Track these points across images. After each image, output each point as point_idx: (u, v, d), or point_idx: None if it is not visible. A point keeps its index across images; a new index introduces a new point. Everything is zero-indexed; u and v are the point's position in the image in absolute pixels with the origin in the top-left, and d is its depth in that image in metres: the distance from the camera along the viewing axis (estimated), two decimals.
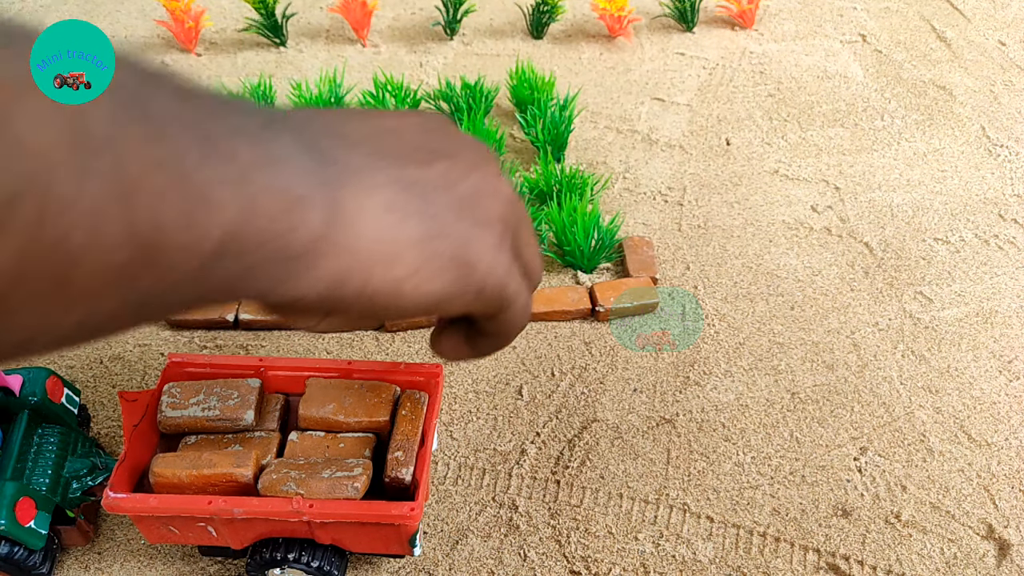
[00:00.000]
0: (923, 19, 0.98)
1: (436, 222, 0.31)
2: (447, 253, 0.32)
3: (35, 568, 0.47)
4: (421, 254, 0.31)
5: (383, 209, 0.30)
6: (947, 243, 0.71)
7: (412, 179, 0.32)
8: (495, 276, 0.33)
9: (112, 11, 0.96)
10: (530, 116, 0.77)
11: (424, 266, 0.31)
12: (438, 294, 0.32)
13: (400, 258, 0.30)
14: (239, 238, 0.25)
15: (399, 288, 0.31)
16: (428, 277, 0.31)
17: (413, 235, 0.30)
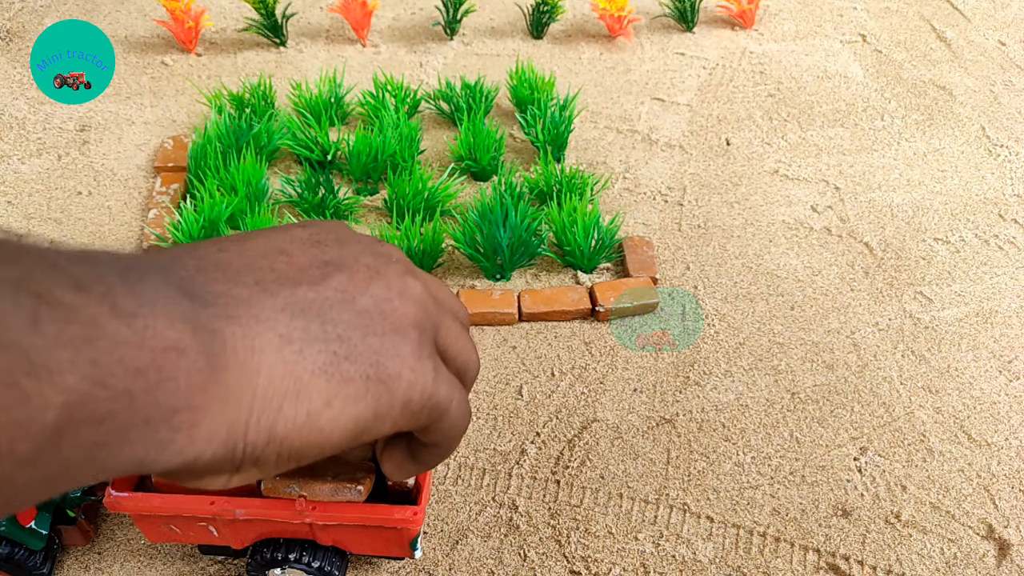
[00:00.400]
0: (923, 19, 0.98)
1: (342, 343, 0.29)
2: (360, 374, 0.29)
3: (35, 568, 0.47)
4: (331, 382, 0.28)
5: (279, 341, 0.27)
6: (947, 243, 0.71)
7: (306, 301, 0.29)
8: (419, 387, 0.30)
9: (112, 11, 0.96)
10: (530, 116, 0.77)
11: (338, 394, 0.28)
12: (361, 420, 0.29)
13: (308, 391, 0.27)
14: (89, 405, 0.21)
15: (315, 423, 0.28)
16: (344, 405, 0.28)
17: (318, 363, 0.28)
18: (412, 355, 0.30)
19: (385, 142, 0.72)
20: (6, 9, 0.95)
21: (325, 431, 0.28)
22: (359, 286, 0.30)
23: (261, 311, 0.27)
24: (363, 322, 0.30)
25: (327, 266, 0.30)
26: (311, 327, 0.28)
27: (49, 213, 0.72)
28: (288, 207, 0.72)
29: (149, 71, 0.87)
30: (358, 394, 0.29)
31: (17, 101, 0.83)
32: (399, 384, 0.30)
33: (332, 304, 0.29)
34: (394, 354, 0.30)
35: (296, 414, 0.27)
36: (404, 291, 0.31)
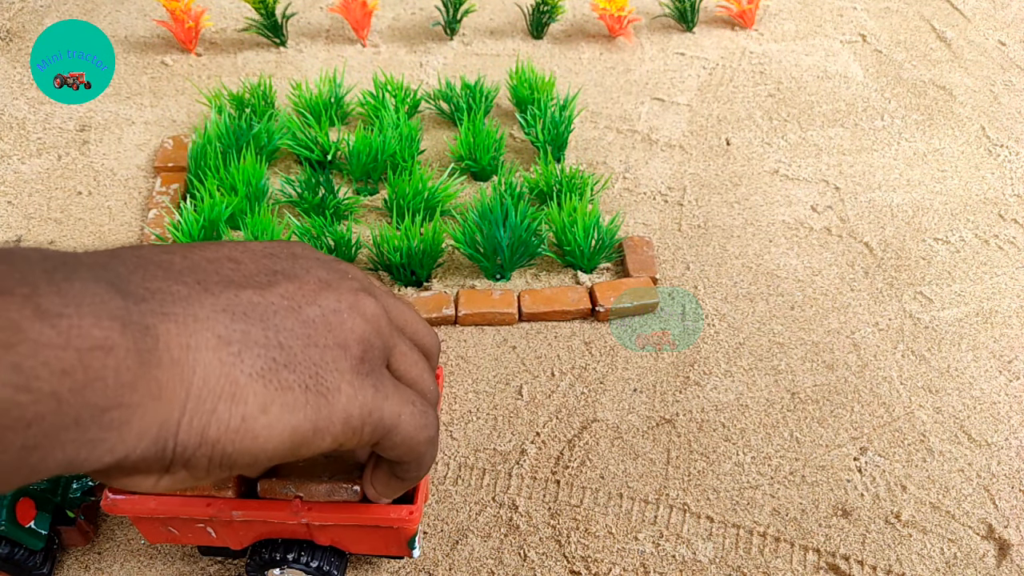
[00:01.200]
0: (923, 19, 0.98)
1: (282, 351, 0.28)
2: (299, 384, 0.28)
3: (35, 568, 0.47)
4: (268, 388, 0.27)
5: (216, 341, 0.26)
6: (947, 243, 0.71)
7: (249, 305, 0.28)
8: (358, 403, 0.29)
9: (112, 11, 0.96)
10: (530, 116, 0.77)
11: (275, 400, 0.27)
12: (299, 431, 0.28)
13: (244, 394, 0.26)
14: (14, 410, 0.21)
15: (249, 428, 0.26)
16: (281, 413, 0.27)
17: (256, 367, 0.27)
18: (351, 370, 0.29)
19: (385, 142, 0.72)
20: (6, 9, 0.95)
21: (260, 438, 0.27)
22: (307, 296, 0.29)
23: (200, 310, 0.26)
24: (306, 332, 0.29)
25: (276, 275, 0.30)
26: (252, 331, 0.27)
27: (49, 213, 0.72)
28: (288, 207, 0.72)
29: (149, 71, 0.87)
30: (296, 403, 0.28)
31: (17, 101, 0.83)
32: (338, 398, 0.29)
33: (276, 310, 0.28)
34: (334, 368, 0.29)
35: (230, 417, 0.26)
36: (355, 306, 0.30)
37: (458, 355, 0.62)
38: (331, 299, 0.30)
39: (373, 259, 0.66)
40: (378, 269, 0.67)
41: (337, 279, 0.31)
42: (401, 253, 0.64)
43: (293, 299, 0.29)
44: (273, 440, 0.27)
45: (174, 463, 0.26)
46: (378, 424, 0.30)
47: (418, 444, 0.33)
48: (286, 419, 0.27)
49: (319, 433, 0.29)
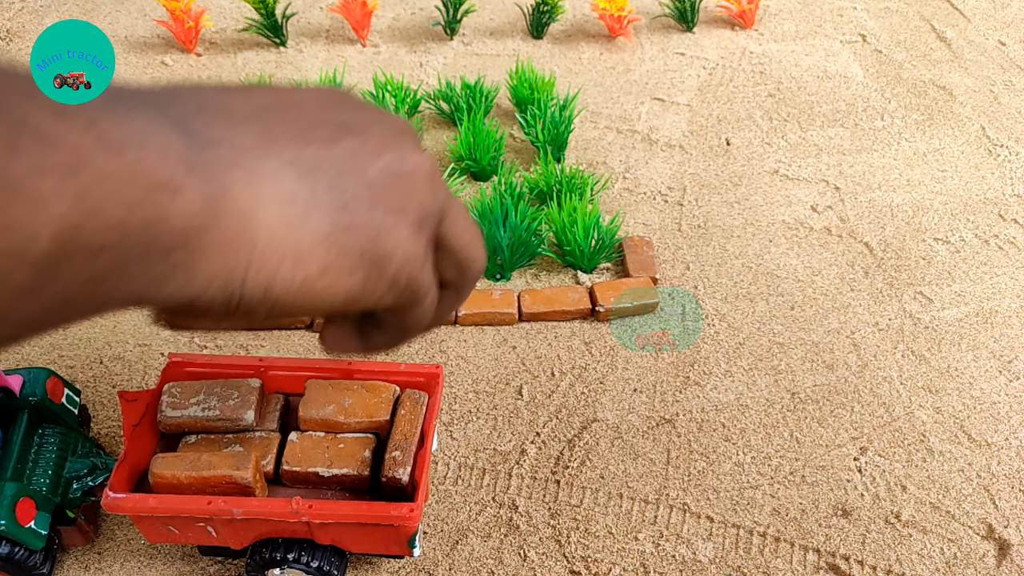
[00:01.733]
0: (923, 19, 0.98)
1: (345, 213, 0.28)
2: (358, 248, 0.28)
3: (35, 568, 0.47)
4: (330, 251, 0.27)
5: (283, 199, 0.26)
6: (947, 243, 0.71)
7: (315, 161, 0.27)
8: (408, 269, 0.30)
9: (112, 11, 0.96)
10: (530, 116, 0.77)
11: (334, 264, 0.28)
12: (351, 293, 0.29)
13: (308, 257, 0.27)
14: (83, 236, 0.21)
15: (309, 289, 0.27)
16: (338, 277, 0.28)
17: (321, 230, 0.27)
18: (408, 236, 0.29)
19: None
20: (6, 9, 0.95)
21: (317, 299, 0.28)
22: (371, 155, 0.29)
23: (266, 163, 0.26)
24: (369, 193, 0.28)
25: (340, 128, 0.29)
26: (318, 190, 0.27)
27: None
28: None
29: (149, 71, 0.87)
30: (353, 267, 0.28)
31: None
32: (391, 263, 0.29)
33: (341, 170, 0.28)
34: (393, 231, 0.29)
35: (293, 277, 0.27)
36: (416, 167, 0.30)
37: (458, 355, 0.62)
38: (394, 159, 0.29)
39: None
40: None
41: (397, 136, 0.30)
42: None
43: (357, 158, 0.28)
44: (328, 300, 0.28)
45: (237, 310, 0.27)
46: (414, 293, 0.31)
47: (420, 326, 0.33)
48: (342, 282, 0.28)
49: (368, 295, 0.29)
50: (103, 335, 0.63)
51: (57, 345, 0.62)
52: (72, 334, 0.63)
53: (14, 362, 0.61)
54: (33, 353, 0.61)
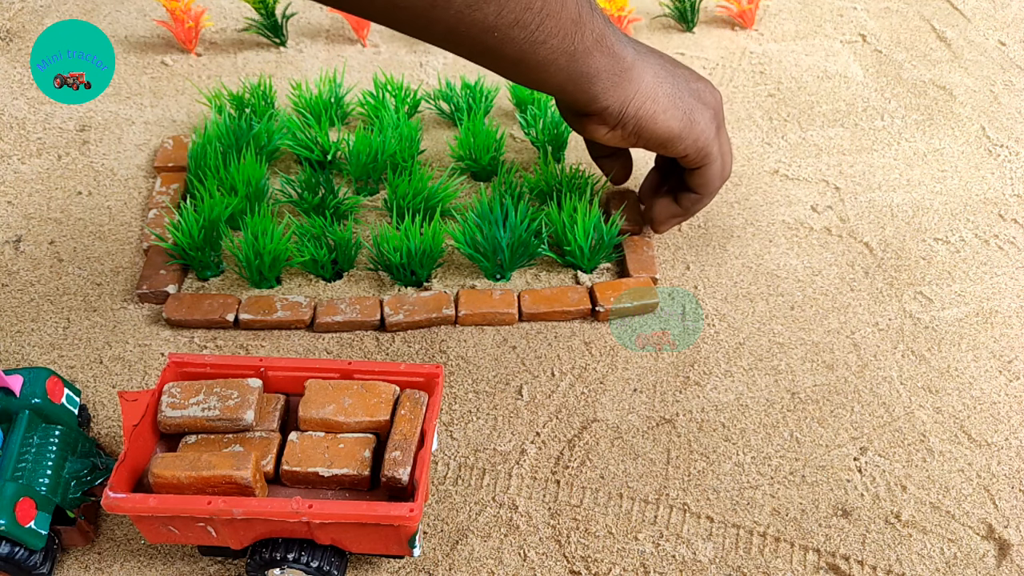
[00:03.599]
0: (923, 19, 0.98)
1: (679, 91, 0.58)
2: (683, 108, 0.57)
3: (35, 568, 0.47)
4: (669, 101, 0.57)
5: (653, 75, 0.56)
6: (947, 243, 0.71)
7: (666, 69, 0.58)
8: (705, 134, 0.59)
9: (112, 11, 0.96)
10: (530, 116, 0.77)
11: (670, 109, 0.57)
12: (675, 130, 0.57)
13: (659, 101, 0.56)
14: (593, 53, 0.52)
15: (656, 116, 0.56)
16: (671, 117, 0.57)
17: (667, 91, 0.57)
18: (707, 118, 0.59)
19: (385, 142, 0.72)
20: (6, 9, 0.95)
21: (659, 123, 0.57)
22: (692, 79, 0.60)
23: (645, 63, 0.56)
24: (690, 92, 0.59)
25: (677, 65, 0.60)
26: (668, 79, 0.57)
27: (49, 213, 0.72)
28: (288, 207, 0.72)
29: (149, 71, 0.87)
30: (679, 117, 0.57)
31: (17, 101, 0.83)
32: (698, 125, 0.58)
33: (677, 77, 0.58)
34: (700, 112, 0.59)
35: (651, 108, 0.56)
36: (712, 92, 0.61)
37: (458, 355, 0.62)
38: (703, 85, 0.60)
39: (373, 259, 0.66)
40: (378, 269, 0.67)
41: (704, 80, 0.61)
42: (401, 253, 0.64)
43: (686, 77, 0.59)
44: (664, 128, 0.57)
45: (620, 122, 0.57)
46: (708, 153, 0.60)
47: (718, 181, 0.63)
48: (673, 122, 0.57)
49: (682, 139, 0.58)
50: (103, 335, 0.63)
51: (57, 345, 0.62)
52: (72, 334, 0.63)
53: (14, 362, 0.61)
54: (33, 353, 0.61)
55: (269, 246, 0.63)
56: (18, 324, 0.63)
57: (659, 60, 0.57)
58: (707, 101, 0.59)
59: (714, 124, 0.59)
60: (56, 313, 0.64)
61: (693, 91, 0.58)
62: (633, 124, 0.56)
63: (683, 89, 0.58)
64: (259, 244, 0.63)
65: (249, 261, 0.64)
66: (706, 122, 0.58)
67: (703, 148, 0.59)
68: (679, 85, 0.57)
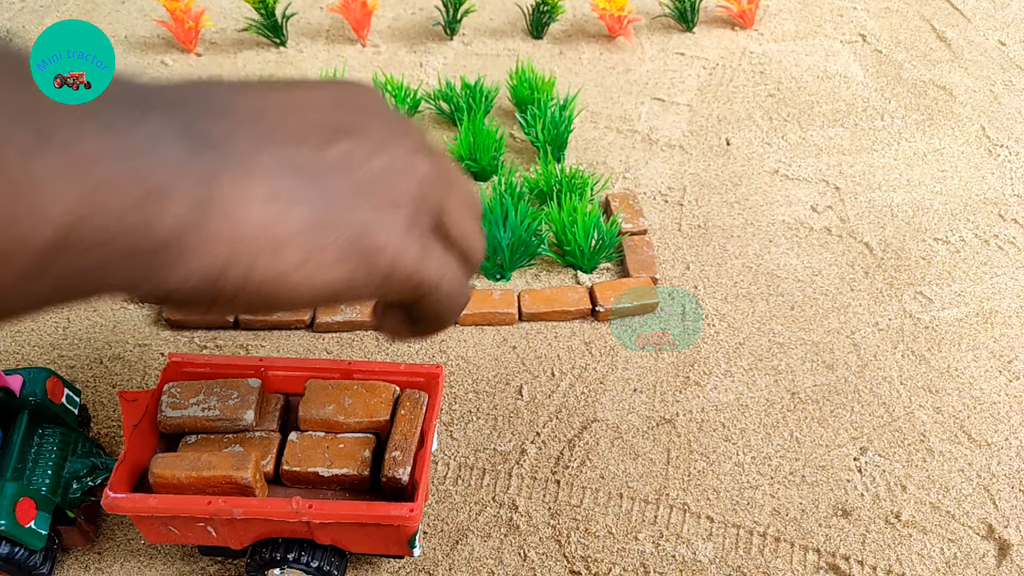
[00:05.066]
0: (923, 19, 0.98)
1: (330, 209, 0.29)
2: (342, 241, 0.30)
3: (35, 568, 0.47)
4: (308, 243, 0.29)
5: (266, 197, 0.28)
6: (947, 243, 0.71)
7: (305, 161, 0.29)
8: (403, 262, 0.31)
9: (112, 11, 0.96)
10: (530, 116, 0.77)
11: (314, 256, 0.29)
12: (336, 284, 0.30)
13: (285, 248, 0.28)
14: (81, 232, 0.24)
15: (287, 279, 0.29)
16: (320, 267, 0.29)
17: (300, 224, 0.29)
18: (401, 230, 0.31)
19: None
20: (6, 9, 0.95)
21: (297, 289, 0.29)
22: (364, 155, 0.31)
23: (256, 166, 0.28)
24: (358, 191, 0.30)
25: (338, 131, 0.31)
26: (302, 188, 0.29)
27: None
28: None
29: (149, 71, 0.87)
30: (334, 261, 0.30)
31: None
32: (382, 256, 0.31)
33: (331, 169, 0.30)
34: (383, 226, 0.30)
35: (270, 268, 0.28)
36: (410, 167, 0.32)
37: (458, 355, 0.62)
38: (386, 158, 0.31)
39: None
40: None
41: (395, 137, 0.32)
42: None
43: (350, 157, 0.31)
44: (312, 290, 0.30)
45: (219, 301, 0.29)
46: (419, 284, 0.33)
47: (449, 308, 0.35)
48: (323, 274, 0.30)
49: (356, 288, 0.31)
50: (103, 335, 0.63)
51: (57, 345, 0.62)
52: (72, 334, 0.63)
53: (14, 362, 0.61)
54: (33, 353, 0.61)
55: None
56: (18, 324, 0.63)
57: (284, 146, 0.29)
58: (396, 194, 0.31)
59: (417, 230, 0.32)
60: (56, 313, 0.64)
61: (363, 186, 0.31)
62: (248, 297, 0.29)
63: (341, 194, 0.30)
64: None
65: None
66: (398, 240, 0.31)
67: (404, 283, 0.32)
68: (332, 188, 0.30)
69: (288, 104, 0.31)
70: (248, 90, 0.30)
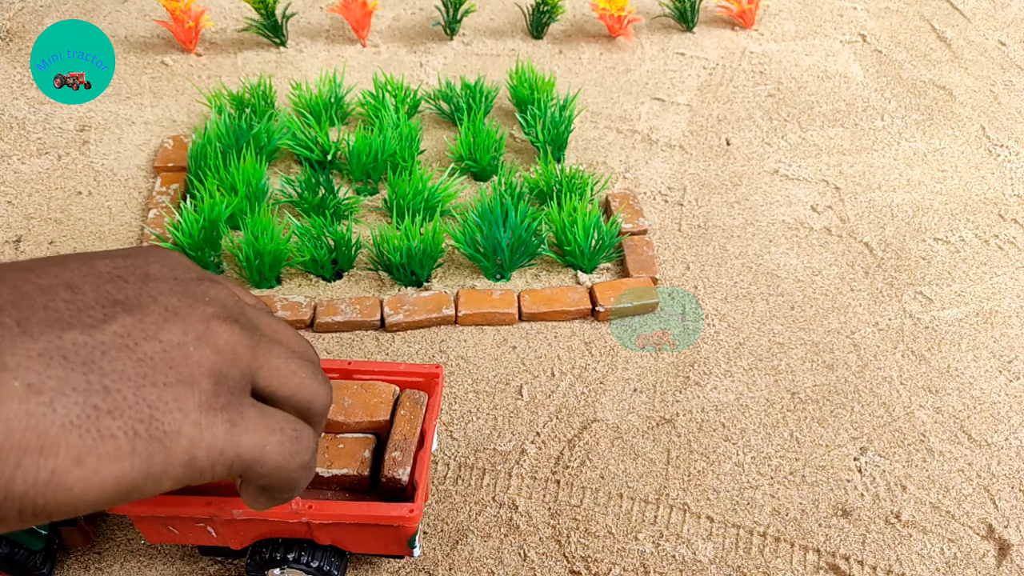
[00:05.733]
0: (923, 19, 0.98)
1: (106, 396, 0.26)
2: (125, 431, 0.26)
3: (36, 568, 0.47)
4: (84, 438, 0.25)
5: (25, 391, 0.25)
6: (947, 243, 0.71)
7: (72, 347, 0.26)
8: (206, 443, 0.28)
9: (112, 11, 0.96)
10: (530, 116, 0.77)
11: (91, 452, 0.25)
12: (124, 480, 0.26)
13: (54, 447, 0.25)
14: None
15: (61, 481, 0.25)
16: (100, 464, 0.26)
17: (71, 416, 0.25)
18: (198, 408, 0.28)
19: (385, 142, 0.72)
20: (6, 9, 0.95)
21: (75, 490, 0.26)
22: (147, 330, 0.28)
23: (11, 357, 0.25)
24: (142, 371, 0.27)
25: (116, 306, 0.28)
26: (70, 376, 0.26)
27: (49, 213, 0.72)
28: (288, 207, 0.72)
29: (149, 71, 0.87)
30: (120, 452, 0.26)
31: (17, 101, 0.83)
32: (178, 441, 0.27)
33: (106, 351, 0.27)
34: (175, 408, 0.27)
35: (38, 471, 0.25)
36: (204, 336, 0.29)
37: (458, 355, 0.62)
38: (176, 332, 0.28)
39: (373, 259, 0.66)
40: (378, 269, 0.67)
41: (188, 306, 0.29)
42: (401, 253, 0.64)
43: (129, 336, 0.27)
44: (92, 491, 0.26)
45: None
46: (234, 460, 0.29)
47: (288, 472, 0.31)
48: (106, 469, 0.26)
49: (153, 479, 0.27)
50: None
51: None
52: None
53: None
54: None
55: (269, 246, 0.63)
56: None
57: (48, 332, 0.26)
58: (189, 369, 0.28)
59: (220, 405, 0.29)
60: None
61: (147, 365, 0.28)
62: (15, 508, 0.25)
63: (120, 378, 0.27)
64: (259, 244, 0.63)
65: (249, 261, 0.64)
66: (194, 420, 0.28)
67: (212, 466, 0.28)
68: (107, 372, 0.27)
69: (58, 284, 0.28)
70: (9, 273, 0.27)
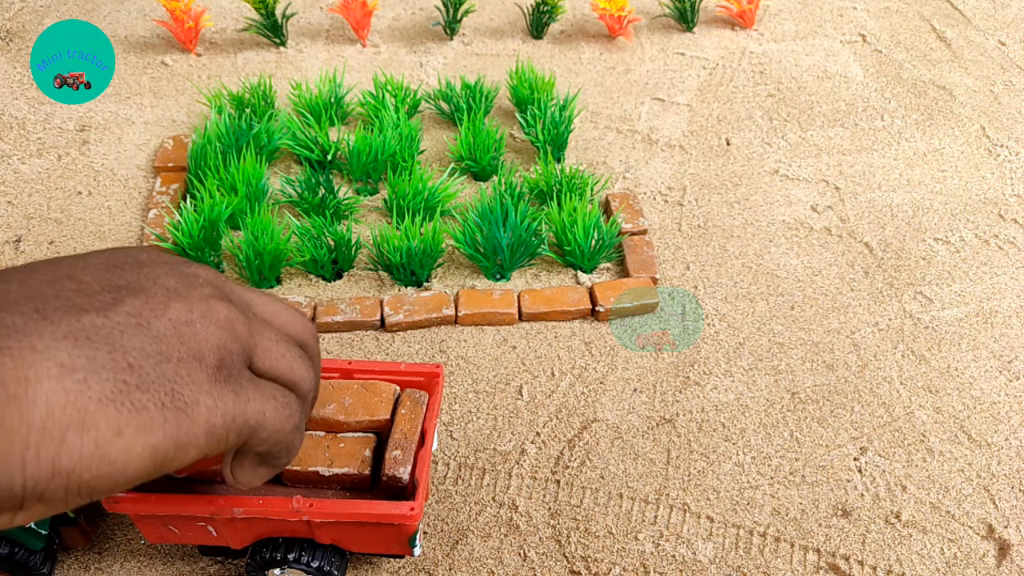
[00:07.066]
0: (923, 19, 0.98)
1: (132, 372, 0.27)
2: (155, 403, 0.28)
3: (36, 568, 0.47)
4: (120, 411, 0.27)
5: (59, 370, 0.26)
6: (947, 243, 0.71)
7: (93, 328, 0.27)
8: (220, 412, 0.30)
9: (112, 11, 0.96)
10: (530, 116, 0.77)
11: (129, 423, 0.27)
12: (160, 449, 0.28)
13: (95, 421, 0.26)
14: None
15: (105, 454, 0.26)
16: (138, 435, 0.27)
17: (105, 391, 0.26)
18: (208, 380, 0.30)
19: (385, 142, 0.72)
20: (6, 9, 0.95)
21: (118, 462, 0.27)
22: (155, 309, 0.29)
23: (38, 340, 0.26)
24: (158, 347, 0.29)
25: (120, 291, 0.29)
26: (98, 355, 0.27)
27: (49, 213, 0.72)
28: (288, 207, 0.72)
29: (149, 71, 0.87)
30: (154, 423, 0.27)
31: (17, 101, 0.83)
32: (198, 410, 0.29)
33: (123, 330, 0.28)
34: (190, 381, 0.29)
35: (83, 445, 0.26)
36: (207, 313, 0.30)
37: (458, 355, 0.62)
38: (181, 310, 0.30)
39: (373, 259, 0.66)
40: (378, 269, 0.67)
41: (186, 287, 0.31)
42: (401, 253, 0.64)
43: (140, 315, 0.29)
44: (133, 462, 0.27)
45: (27, 498, 0.26)
46: (243, 427, 0.31)
47: (285, 435, 0.34)
48: (144, 439, 0.27)
49: (182, 448, 0.29)
50: None
51: None
52: None
53: None
54: None
55: (269, 246, 0.63)
56: None
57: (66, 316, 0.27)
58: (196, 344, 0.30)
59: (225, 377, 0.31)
60: None
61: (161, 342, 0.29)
62: (63, 485, 0.26)
63: (140, 355, 0.28)
64: (259, 244, 0.63)
65: (249, 261, 0.64)
66: (207, 392, 0.30)
67: (227, 434, 0.31)
68: (129, 349, 0.28)
69: (60, 277, 0.29)
70: (12, 274, 0.29)
